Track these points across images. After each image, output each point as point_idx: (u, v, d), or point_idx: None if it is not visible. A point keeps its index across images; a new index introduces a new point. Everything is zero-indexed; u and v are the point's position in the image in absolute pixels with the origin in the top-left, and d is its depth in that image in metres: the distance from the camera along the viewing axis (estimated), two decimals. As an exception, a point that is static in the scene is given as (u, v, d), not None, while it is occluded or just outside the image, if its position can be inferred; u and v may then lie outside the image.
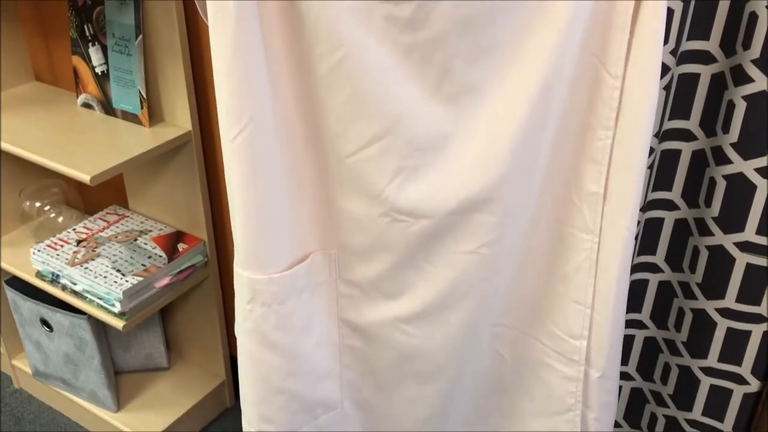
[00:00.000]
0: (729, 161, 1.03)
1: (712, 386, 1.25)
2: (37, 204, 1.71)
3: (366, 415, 0.98)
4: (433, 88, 0.80)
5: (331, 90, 0.81)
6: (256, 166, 0.82)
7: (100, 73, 1.50)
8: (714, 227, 1.09)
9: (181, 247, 1.60)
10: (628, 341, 1.30)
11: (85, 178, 1.33)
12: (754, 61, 0.96)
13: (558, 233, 0.91)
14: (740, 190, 1.04)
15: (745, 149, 1.01)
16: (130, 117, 1.51)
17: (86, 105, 1.56)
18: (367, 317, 0.92)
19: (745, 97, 0.98)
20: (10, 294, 1.68)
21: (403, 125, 0.81)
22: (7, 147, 1.44)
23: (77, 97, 1.58)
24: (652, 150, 1.07)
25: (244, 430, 0.96)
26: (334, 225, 0.89)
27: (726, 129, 1.02)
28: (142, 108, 1.48)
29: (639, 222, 1.12)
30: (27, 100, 1.62)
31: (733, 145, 1.02)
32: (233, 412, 1.88)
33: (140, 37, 1.41)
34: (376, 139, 0.82)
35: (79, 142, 1.45)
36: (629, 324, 1.31)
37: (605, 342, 0.94)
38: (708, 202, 1.09)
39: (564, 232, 0.90)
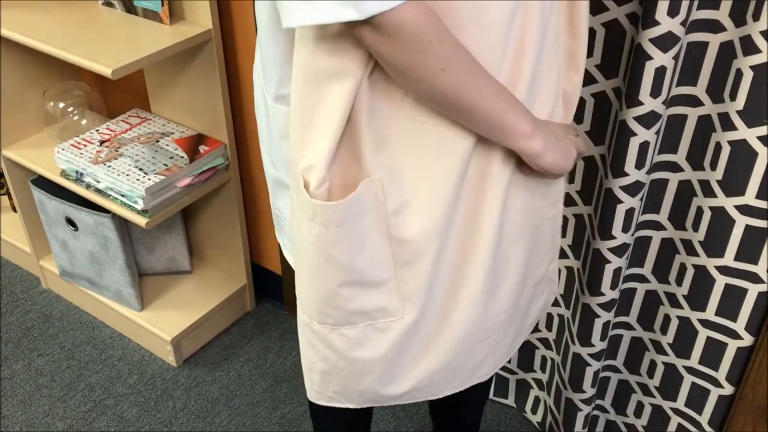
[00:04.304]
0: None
1: (693, 383, 1.35)
2: (61, 105, 1.73)
3: (426, 325, 0.99)
4: None
5: None
6: None
7: (120, -30, 1.49)
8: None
9: (202, 149, 1.62)
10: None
11: (106, 71, 1.34)
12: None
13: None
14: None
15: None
16: (151, 15, 1.50)
17: (107, 3, 1.56)
18: (410, 232, 0.93)
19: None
20: (36, 193, 1.72)
21: None
22: (29, 41, 1.45)
23: (98, -5, 1.57)
24: (659, 116, 1.09)
25: (300, 320, 0.99)
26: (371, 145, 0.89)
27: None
28: (162, 5, 1.47)
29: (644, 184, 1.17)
30: (49, -1, 1.62)
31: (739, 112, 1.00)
32: (254, 315, 1.92)
33: (160, -70, 1.40)
34: None
35: (101, 39, 1.45)
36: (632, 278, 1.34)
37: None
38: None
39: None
